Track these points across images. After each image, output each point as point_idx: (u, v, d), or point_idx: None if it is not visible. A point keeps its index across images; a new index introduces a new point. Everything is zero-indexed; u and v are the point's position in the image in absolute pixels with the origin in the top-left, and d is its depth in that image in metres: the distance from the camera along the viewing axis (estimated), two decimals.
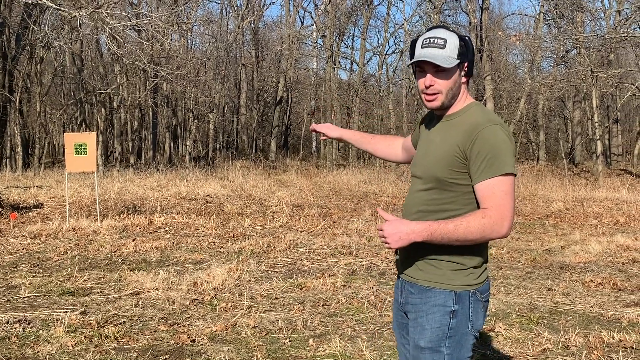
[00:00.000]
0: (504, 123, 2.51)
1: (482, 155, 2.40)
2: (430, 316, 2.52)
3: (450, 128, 2.56)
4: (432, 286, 2.52)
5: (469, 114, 2.55)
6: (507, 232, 2.40)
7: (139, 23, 19.15)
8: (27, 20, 23.79)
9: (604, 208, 14.76)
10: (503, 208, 2.38)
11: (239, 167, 27.12)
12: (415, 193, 2.63)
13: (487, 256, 2.61)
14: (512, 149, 2.43)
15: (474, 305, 2.52)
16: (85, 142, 12.11)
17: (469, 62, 2.57)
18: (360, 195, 18.38)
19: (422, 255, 2.53)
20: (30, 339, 5.31)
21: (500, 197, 2.38)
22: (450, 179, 2.49)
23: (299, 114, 47.14)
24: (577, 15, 26.20)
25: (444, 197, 2.52)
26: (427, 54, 2.50)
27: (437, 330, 2.51)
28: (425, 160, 2.61)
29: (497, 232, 2.38)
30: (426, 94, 2.57)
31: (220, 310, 6.19)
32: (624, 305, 6.45)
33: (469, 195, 2.49)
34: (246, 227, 11.85)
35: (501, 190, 2.39)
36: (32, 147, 29.26)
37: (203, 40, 38.60)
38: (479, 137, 2.42)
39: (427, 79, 2.53)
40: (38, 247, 9.63)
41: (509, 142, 2.43)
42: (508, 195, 2.39)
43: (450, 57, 2.50)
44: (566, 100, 34.31)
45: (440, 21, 34.36)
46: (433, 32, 2.55)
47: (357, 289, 7.08)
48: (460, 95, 2.59)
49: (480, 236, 2.39)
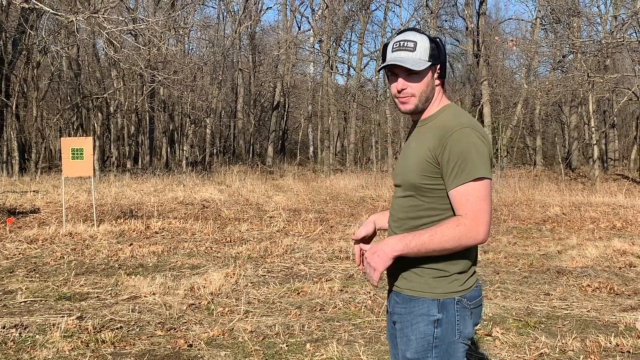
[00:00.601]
0: (478, 124, 2.44)
1: (453, 160, 2.35)
2: (414, 326, 2.46)
3: (425, 132, 2.51)
4: (415, 295, 2.46)
5: (441, 117, 2.50)
6: (484, 238, 2.34)
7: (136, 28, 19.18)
8: (24, 25, 23.80)
9: (601, 213, 14.78)
10: (478, 214, 2.32)
11: (236, 172, 27.11)
12: (396, 200, 2.59)
13: (474, 260, 2.52)
14: (484, 152, 2.36)
15: (460, 313, 2.44)
16: (82, 147, 12.10)
17: (441, 64, 2.53)
18: (357, 200, 18.38)
19: (406, 264, 2.47)
20: (26, 343, 5.29)
21: (474, 203, 2.33)
22: (425, 185, 2.44)
23: (296, 118, 47.21)
24: (574, 20, 26.29)
25: (422, 204, 2.46)
26: (397, 57, 2.47)
27: (422, 341, 2.44)
28: (402, 168, 2.57)
29: (473, 239, 2.33)
30: (399, 98, 2.53)
31: (217, 315, 6.18)
32: (620, 310, 6.45)
33: (447, 200, 2.43)
34: (243, 232, 11.84)
35: (475, 196, 2.33)
36: (29, 151, 29.24)
37: (200, 45, 38.72)
38: (449, 141, 2.36)
39: (400, 83, 2.50)
40: (35, 252, 9.61)
41: (481, 144, 2.36)
42: (482, 200, 2.33)
43: (421, 59, 2.46)
44: (563, 105, 34.39)
45: (438, 26, 34.46)
46: (403, 35, 2.51)
47: (354, 293, 7.07)
48: (434, 98, 2.54)
49: (456, 244, 2.33)
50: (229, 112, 40.14)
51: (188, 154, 33.98)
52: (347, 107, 36.05)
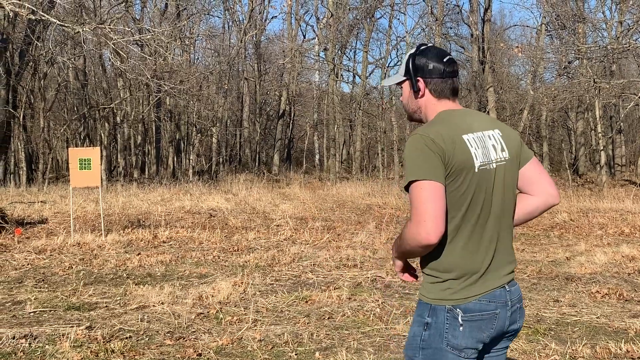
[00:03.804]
0: (433, 130, 2.44)
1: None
2: (412, 325, 2.57)
3: None
4: (419, 297, 2.58)
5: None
6: (425, 239, 2.34)
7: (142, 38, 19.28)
8: (31, 36, 23.91)
9: (609, 219, 14.72)
10: (417, 215, 2.35)
11: (242, 181, 27.15)
12: None
13: (478, 269, 2.47)
14: (420, 155, 2.38)
15: (450, 322, 2.45)
16: (90, 157, 12.14)
17: (410, 77, 2.62)
18: (364, 207, 18.37)
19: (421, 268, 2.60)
20: (36, 354, 5.30)
21: (414, 205, 2.37)
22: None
23: (302, 127, 47.25)
24: (579, 26, 26.27)
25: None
26: (391, 73, 2.66)
27: (412, 340, 2.53)
28: None
29: (416, 241, 2.37)
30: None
31: (226, 324, 6.18)
32: (630, 316, 6.42)
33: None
34: (250, 241, 11.84)
35: (414, 199, 2.37)
36: (36, 162, 29.35)
37: (206, 55, 38.83)
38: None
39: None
40: (43, 262, 9.63)
41: (420, 147, 2.39)
42: (421, 202, 2.34)
43: (399, 74, 2.66)
44: (569, 111, 34.33)
45: (443, 33, 34.50)
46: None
47: (362, 301, 7.06)
48: (423, 111, 2.65)
49: (408, 246, 2.43)
50: (234, 121, 40.23)
51: (194, 163, 34.06)
52: (353, 115, 36.08)
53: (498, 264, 2.54)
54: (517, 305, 2.58)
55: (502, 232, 2.57)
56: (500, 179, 2.54)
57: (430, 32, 33.13)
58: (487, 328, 2.49)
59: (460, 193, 2.43)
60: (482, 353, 2.59)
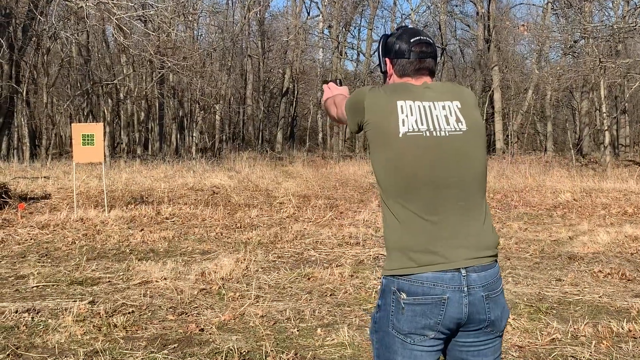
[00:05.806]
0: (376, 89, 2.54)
1: None
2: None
3: None
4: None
5: None
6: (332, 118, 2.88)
7: (146, 14, 19.15)
8: (34, 11, 23.79)
9: (612, 199, 14.70)
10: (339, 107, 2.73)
11: (245, 158, 27.13)
12: None
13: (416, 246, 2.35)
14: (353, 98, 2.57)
15: (395, 305, 2.33)
16: (93, 133, 12.12)
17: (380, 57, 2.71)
18: (366, 186, 18.36)
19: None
20: (39, 328, 5.32)
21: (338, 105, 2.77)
22: None
23: (305, 105, 47.08)
24: (585, 4, 26.04)
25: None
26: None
27: (371, 322, 2.47)
28: None
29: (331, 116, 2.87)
30: None
31: (229, 300, 6.20)
32: (633, 296, 6.42)
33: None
34: (253, 218, 11.85)
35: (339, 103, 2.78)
36: (39, 138, 29.32)
37: (209, 31, 38.59)
38: None
39: None
40: (46, 238, 9.66)
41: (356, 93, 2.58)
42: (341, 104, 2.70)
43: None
44: (574, 91, 34.14)
45: (448, 11, 34.23)
46: None
47: (364, 279, 7.07)
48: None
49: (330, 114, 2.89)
50: (238, 98, 40.10)
51: (198, 140, 34.02)
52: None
53: (453, 245, 2.34)
54: (483, 294, 2.34)
55: (464, 210, 2.39)
56: (454, 150, 2.39)
57: (436, 9, 32.90)
58: (434, 314, 2.30)
59: (386, 157, 2.39)
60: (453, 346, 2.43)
